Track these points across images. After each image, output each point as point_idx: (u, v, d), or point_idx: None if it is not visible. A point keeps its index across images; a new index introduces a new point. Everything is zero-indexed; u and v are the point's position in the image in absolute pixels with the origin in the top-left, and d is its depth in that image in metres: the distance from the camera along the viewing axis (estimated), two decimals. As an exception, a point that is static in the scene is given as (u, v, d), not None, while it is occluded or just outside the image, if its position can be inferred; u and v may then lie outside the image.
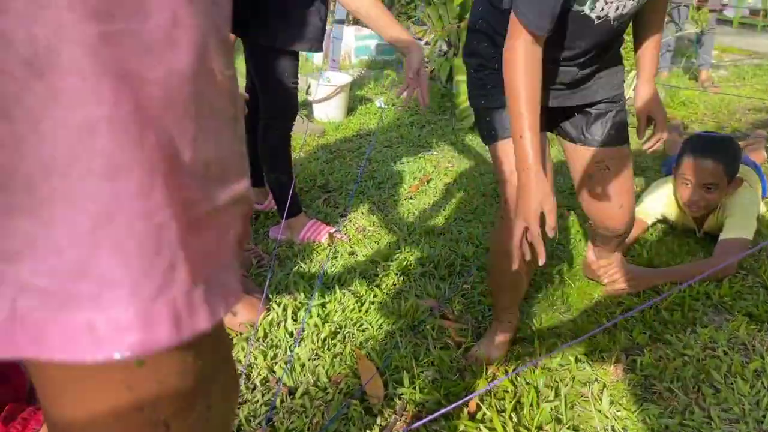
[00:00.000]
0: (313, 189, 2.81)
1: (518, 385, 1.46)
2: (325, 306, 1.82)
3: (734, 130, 3.83)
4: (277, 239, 2.25)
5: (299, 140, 3.48)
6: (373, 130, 3.76)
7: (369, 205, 2.66)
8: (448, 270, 2.08)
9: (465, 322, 1.78)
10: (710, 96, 4.61)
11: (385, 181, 2.93)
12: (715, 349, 1.42)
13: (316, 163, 3.11)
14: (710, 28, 4.77)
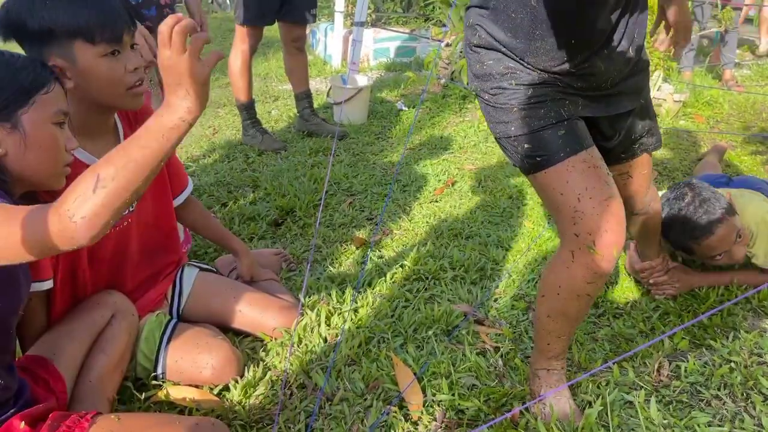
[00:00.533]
0: (338, 192, 2.80)
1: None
2: (357, 311, 1.80)
3: (761, 130, 3.77)
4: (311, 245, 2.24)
5: (322, 143, 3.47)
6: (394, 133, 3.75)
7: (395, 209, 2.64)
8: (479, 274, 2.06)
9: (500, 327, 1.76)
10: (735, 95, 4.55)
11: (410, 184, 2.91)
12: (762, 356, 1.40)
13: (340, 166, 3.10)
14: (733, 27, 4.71)
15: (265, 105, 4.45)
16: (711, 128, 3.83)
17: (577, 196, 1.19)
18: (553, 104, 1.23)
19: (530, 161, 1.24)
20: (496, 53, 1.25)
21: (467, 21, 1.32)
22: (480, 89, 1.30)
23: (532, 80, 1.23)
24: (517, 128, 1.24)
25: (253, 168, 3.12)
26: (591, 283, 1.24)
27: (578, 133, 1.25)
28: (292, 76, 3.60)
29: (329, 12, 6.09)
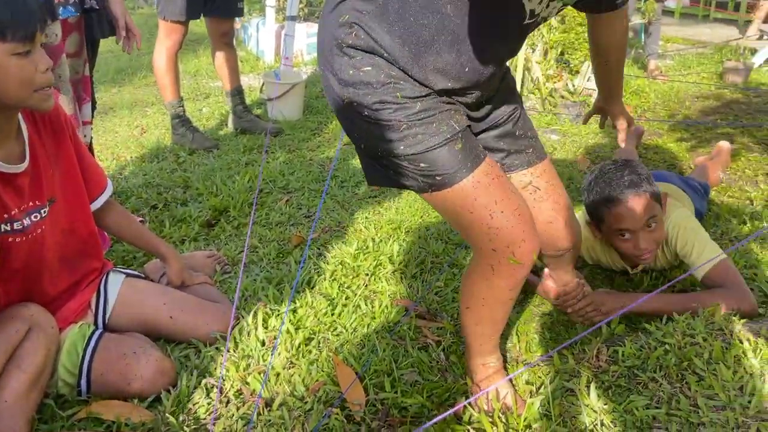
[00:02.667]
0: (274, 190, 2.73)
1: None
2: (296, 311, 1.75)
3: (685, 117, 3.91)
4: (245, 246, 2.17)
5: (256, 140, 3.39)
6: (330, 128, 3.69)
7: (333, 205, 2.60)
8: (420, 268, 2.04)
9: (441, 320, 1.74)
10: (660, 84, 4.71)
11: (348, 179, 2.87)
12: (695, 336, 1.42)
13: (276, 164, 3.03)
14: (656, 19, 4.87)
15: (196, 103, 4.32)
16: (638, 117, 3.95)
17: (489, 213, 1.13)
18: (444, 117, 1.13)
19: (428, 181, 1.14)
20: (376, 58, 1.11)
21: (338, 15, 1.13)
22: (353, 101, 1.12)
23: (418, 93, 1.12)
24: (408, 147, 1.12)
25: (183, 168, 3.01)
26: (514, 289, 1.25)
27: (474, 143, 1.18)
28: (222, 73, 3.49)
29: (260, 7, 5.96)
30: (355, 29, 1.10)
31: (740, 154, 3.19)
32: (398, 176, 1.18)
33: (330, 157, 3.19)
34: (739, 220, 2.36)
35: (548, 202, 1.38)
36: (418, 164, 1.13)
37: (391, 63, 1.11)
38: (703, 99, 4.40)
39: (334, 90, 1.15)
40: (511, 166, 1.36)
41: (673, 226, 1.80)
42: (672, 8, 8.29)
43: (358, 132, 1.18)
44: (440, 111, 1.13)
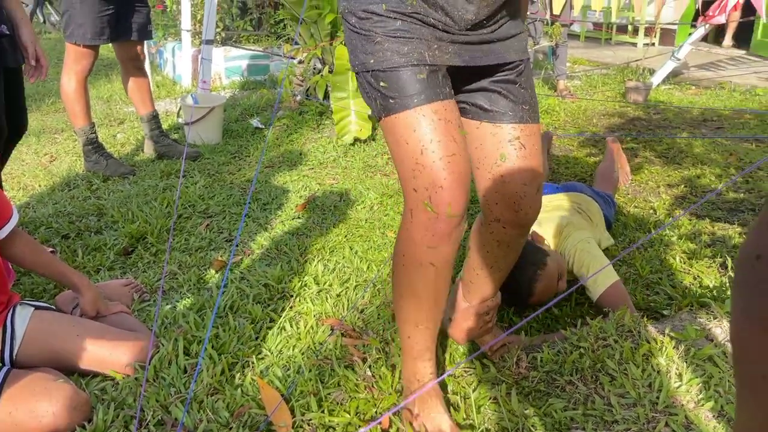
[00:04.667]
0: (194, 215, 2.67)
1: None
2: (219, 336, 1.71)
3: (593, 134, 4.12)
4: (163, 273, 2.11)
5: (174, 165, 3.31)
6: (251, 151, 3.66)
7: (256, 228, 2.57)
8: (345, 287, 2.05)
9: (367, 338, 1.75)
10: (569, 104, 4.95)
11: (270, 201, 2.85)
12: (607, 339, 1.50)
13: (195, 188, 2.97)
14: (563, 42, 5.13)
15: (110, 129, 4.18)
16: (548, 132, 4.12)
17: (421, 147, 1.11)
18: (420, 44, 1.12)
19: (383, 103, 1.13)
20: None
21: None
22: (347, 10, 1.16)
23: (404, 9, 1.11)
24: (377, 61, 1.12)
25: (97, 195, 2.90)
26: (432, 248, 1.15)
27: (438, 81, 1.14)
28: (135, 98, 3.40)
29: (176, 31, 5.86)
30: None
31: (643, 167, 3.39)
32: (367, 95, 1.18)
33: (251, 179, 3.16)
34: (645, 229, 2.51)
35: (530, 164, 1.29)
36: (379, 82, 1.13)
37: None
38: (609, 116, 4.65)
39: (341, 2, 1.20)
40: (504, 115, 1.27)
41: (570, 248, 1.89)
42: (577, 32, 8.77)
43: (349, 45, 1.19)
44: (418, 37, 1.12)
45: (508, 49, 1.22)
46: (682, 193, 2.99)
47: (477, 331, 1.53)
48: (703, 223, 2.58)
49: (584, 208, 2.19)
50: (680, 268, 2.15)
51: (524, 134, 1.27)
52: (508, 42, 1.23)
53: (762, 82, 5.79)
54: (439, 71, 1.15)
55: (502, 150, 1.27)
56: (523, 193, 1.29)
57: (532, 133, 1.29)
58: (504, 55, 1.22)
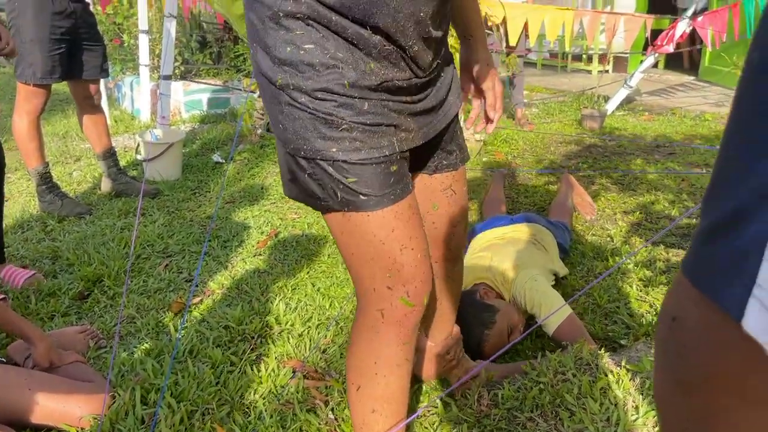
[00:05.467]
0: (152, 255, 2.63)
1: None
2: (178, 383, 1.68)
3: (551, 162, 4.21)
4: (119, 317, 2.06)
5: (133, 203, 3.26)
6: (211, 186, 3.63)
7: (216, 266, 2.54)
8: (307, 326, 2.03)
9: (329, 379, 1.74)
10: (527, 132, 5.05)
11: (231, 239, 2.83)
12: (566, 373, 1.52)
13: (154, 227, 2.93)
14: (520, 72, 5.25)
15: (66, 166, 4.10)
16: (509, 162, 4.20)
17: (401, 246, 1.04)
18: (390, 131, 1.02)
19: (350, 198, 1.00)
20: (320, 31, 0.95)
21: None
22: (290, 84, 0.97)
23: (369, 83, 0.98)
24: (341, 151, 0.98)
25: (52, 237, 2.84)
26: (407, 344, 1.11)
27: (406, 171, 1.08)
28: (91, 136, 3.35)
29: (134, 65, 5.82)
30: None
31: (600, 195, 3.47)
32: (316, 187, 1.03)
33: (210, 216, 3.13)
34: (602, 258, 2.56)
35: (459, 207, 1.31)
36: (346, 175, 0.99)
37: (339, 33, 0.96)
38: (566, 144, 4.76)
39: (264, 69, 1.00)
40: (439, 167, 1.25)
41: (519, 288, 1.90)
42: (534, 60, 8.99)
43: (286, 122, 1.01)
44: (387, 123, 1.02)
45: (450, 105, 1.20)
46: (638, 220, 3.06)
47: (446, 367, 1.56)
48: (659, 249, 2.65)
49: (539, 239, 2.23)
50: (637, 296, 2.19)
51: (455, 180, 1.27)
52: (451, 92, 1.20)
53: (710, 108, 6.01)
54: (406, 158, 1.09)
55: (435, 200, 1.27)
56: (452, 233, 1.31)
57: (461, 177, 1.29)
58: (449, 112, 1.20)
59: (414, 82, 1.06)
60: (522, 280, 1.89)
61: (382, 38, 0.97)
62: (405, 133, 1.06)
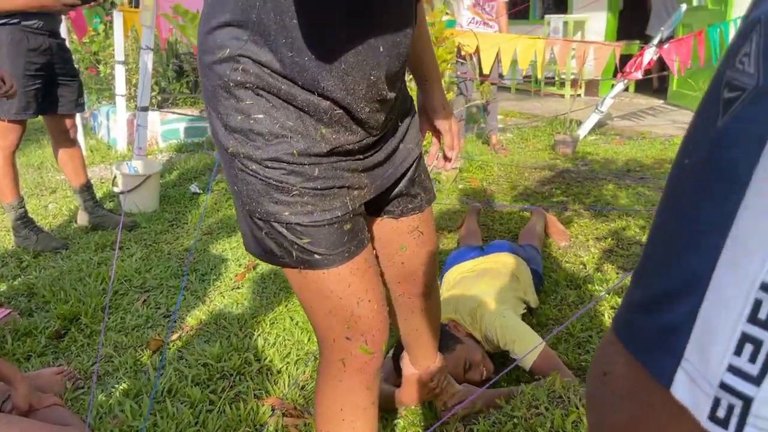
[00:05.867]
0: (130, 291, 2.63)
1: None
2: (156, 425, 1.68)
3: (525, 188, 4.29)
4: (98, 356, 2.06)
5: (110, 237, 3.26)
6: (189, 218, 3.64)
7: (194, 301, 2.54)
8: (286, 362, 2.05)
9: (308, 416, 1.75)
10: (502, 158, 5.14)
11: (209, 272, 2.83)
12: (539, 407, 1.55)
13: (131, 261, 2.93)
14: (494, 99, 5.36)
15: (41, 199, 4.08)
16: (484, 189, 4.27)
17: (358, 300, 1.07)
18: (342, 192, 1.04)
19: (305, 257, 1.02)
20: (270, 100, 0.97)
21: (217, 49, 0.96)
22: (240, 152, 0.98)
23: (319, 150, 1.00)
24: (294, 215, 1.00)
25: (27, 273, 2.82)
26: (371, 389, 1.15)
27: (362, 227, 1.11)
28: (67, 170, 3.35)
29: (110, 94, 5.82)
30: (241, 63, 0.95)
31: (573, 221, 3.54)
32: (273, 245, 1.04)
33: (188, 248, 3.13)
34: (575, 286, 2.61)
35: (428, 246, 1.34)
36: (300, 237, 1.01)
37: (288, 101, 0.97)
38: (540, 170, 4.85)
39: (219, 136, 1.01)
40: (404, 210, 1.27)
41: (489, 326, 1.93)
42: (508, 84, 9.15)
43: (240, 185, 1.02)
44: (339, 185, 1.03)
45: (408, 153, 1.21)
46: (610, 247, 3.13)
47: (429, 394, 1.59)
48: (630, 277, 2.71)
49: (510, 268, 2.27)
50: (608, 324, 2.24)
51: (422, 221, 1.30)
52: (406, 140, 1.21)
53: (679, 131, 6.18)
54: (361, 213, 1.11)
55: (402, 241, 1.29)
56: (423, 271, 1.34)
57: (428, 217, 1.31)
58: (407, 160, 1.21)
59: (366, 143, 1.07)
60: (491, 319, 1.92)
61: (332, 103, 0.98)
62: (358, 191, 1.08)
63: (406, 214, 1.27)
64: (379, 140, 1.12)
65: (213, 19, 0.96)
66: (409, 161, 1.21)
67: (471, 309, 2.01)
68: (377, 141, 1.11)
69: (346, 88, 0.97)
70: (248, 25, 0.93)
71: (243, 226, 1.09)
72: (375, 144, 1.11)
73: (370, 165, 1.11)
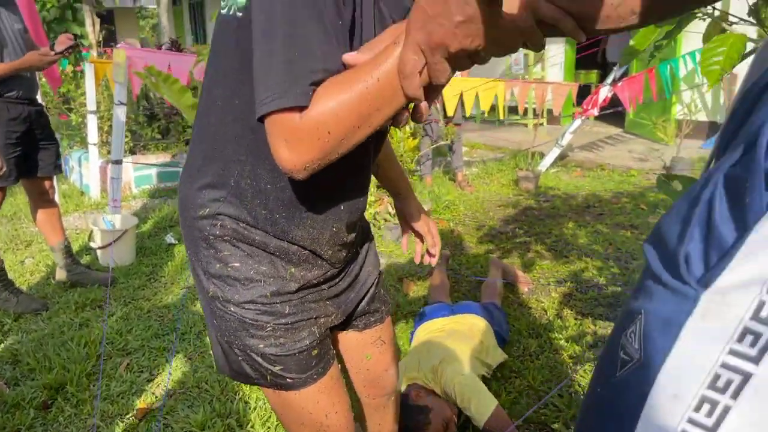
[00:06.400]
0: (113, 353, 2.72)
1: None
2: (147, 498, 1.79)
3: (490, 228, 4.48)
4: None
5: (89, 294, 3.33)
6: (166, 270, 3.74)
7: (177, 363, 2.65)
8: (266, 426, 2.17)
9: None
10: (468, 195, 5.34)
11: (189, 331, 2.94)
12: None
13: (111, 321, 3.02)
14: (458, 139, 5.58)
15: (17, 253, 4.13)
16: (451, 229, 4.46)
17: (326, 413, 1.19)
18: (310, 323, 1.17)
19: (277, 381, 1.14)
20: (245, 249, 1.09)
21: (198, 208, 1.09)
22: (219, 296, 1.11)
23: (289, 289, 1.13)
24: (267, 347, 1.11)
25: (10, 338, 2.89)
26: None
27: (329, 349, 1.23)
28: (44, 229, 3.43)
29: (81, 139, 5.89)
30: (220, 220, 1.08)
31: (535, 263, 3.74)
32: (249, 369, 1.15)
33: (168, 305, 3.23)
34: (536, 334, 2.79)
35: (389, 352, 1.46)
36: (273, 364, 1.12)
37: (262, 249, 1.09)
38: (504, 206, 5.06)
39: (200, 279, 1.14)
40: (367, 324, 1.39)
41: (449, 384, 2.08)
42: (474, 114, 9.42)
43: (218, 321, 1.14)
44: (307, 318, 1.15)
45: (368, 276, 1.33)
46: (569, 290, 3.33)
47: None
48: (587, 322, 2.91)
49: (476, 332, 2.43)
50: (566, 375, 2.42)
51: (383, 331, 1.42)
52: (366, 264, 1.33)
53: (636, 163, 6.47)
54: (327, 335, 1.22)
55: (367, 351, 1.42)
56: (386, 375, 1.47)
57: (388, 326, 1.44)
58: (366, 282, 1.33)
59: (330, 274, 1.20)
60: (451, 376, 2.08)
61: (299, 248, 1.11)
62: (324, 319, 1.20)
63: (369, 326, 1.41)
64: (342, 270, 1.27)
65: (196, 180, 1.09)
66: (370, 283, 1.35)
67: (433, 366, 2.16)
68: (340, 271, 1.26)
69: (311, 237, 1.12)
70: (227, 187, 1.06)
71: (216, 351, 1.20)
72: (338, 274, 1.26)
73: (335, 293, 1.25)
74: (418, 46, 0.75)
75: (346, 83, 0.81)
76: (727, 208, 0.46)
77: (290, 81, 0.81)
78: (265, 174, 1.03)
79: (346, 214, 1.15)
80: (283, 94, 0.80)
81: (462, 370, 2.11)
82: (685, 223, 0.50)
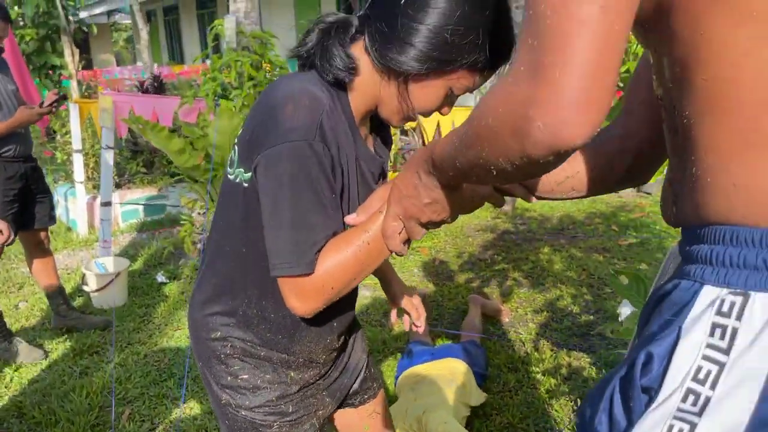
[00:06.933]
0: (114, 404, 2.85)
1: None
2: None
3: (470, 256, 4.67)
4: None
5: (85, 340, 3.45)
6: (159, 311, 3.86)
7: (176, 411, 2.78)
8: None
9: None
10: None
11: (185, 375, 3.07)
12: None
13: (109, 368, 3.14)
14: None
15: (10, 297, 4.23)
16: (433, 258, 4.64)
17: None
18: (308, 417, 1.34)
19: None
20: (252, 361, 1.28)
21: (210, 331, 1.27)
22: (231, 403, 1.28)
23: (290, 391, 1.30)
24: None
25: (13, 390, 3.01)
26: None
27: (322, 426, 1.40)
28: (40, 276, 3.54)
29: (67, 174, 5.98)
30: (230, 342, 1.26)
31: (513, 292, 3.93)
32: None
33: (164, 348, 3.36)
34: (515, 368, 2.98)
35: (384, 421, 1.61)
36: None
37: (266, 361, 1.27)
38: (483, 231, 5.26)
39: (213, 389, 1.31)
40: (362, 400, 1.55)
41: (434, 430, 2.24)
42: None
43: (230, 422, 1.31)
44: (307, 413, 1.34)
45: (357, 361, 1.51)
46: (546, 320, 3.52)
47: None
48: (562, 354, 3.10)
49: (457, 375, 2.59)
50: (543, 410, 2.61)
51: (378, 404, 1.58)
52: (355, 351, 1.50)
53: (607, 180, 6.70)
54: (326, 424, 1.42)
55: (365, 423, 1.57)
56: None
57: (381, 398, 1.60)
58: (357, 366, 1.50)
59: (323, 371, 1.39)
60: (435, 426, 2.25)
61: (296, 357, 1.31)
62: (322, 410, 1.39)
63: (364, 403, 1.59)
64: (333, 362, 1.45)
65: (208, 308, 1.28)
66: (360, 366, 1.53)
67: (418, 416, 2.33)
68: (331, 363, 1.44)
69: (308, 350, 1.32)
70: (236, 315, 1.25)
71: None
72: (330, 366, 1.44)
73: (329, 383, 1.43)
74: (397, 215, 0.96)
75: (342, 247, 1.02)
76: (621, 406, 0.65)
77: (298, 254, 1.01)
78: (269, 305, 1.22)
79: (339, 328, 1.34)
80: (293, 264, 1.01)
81: (445, 417, 2.28)
82: (594, 410, 0.68)
